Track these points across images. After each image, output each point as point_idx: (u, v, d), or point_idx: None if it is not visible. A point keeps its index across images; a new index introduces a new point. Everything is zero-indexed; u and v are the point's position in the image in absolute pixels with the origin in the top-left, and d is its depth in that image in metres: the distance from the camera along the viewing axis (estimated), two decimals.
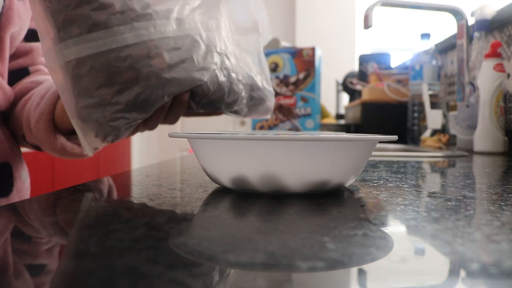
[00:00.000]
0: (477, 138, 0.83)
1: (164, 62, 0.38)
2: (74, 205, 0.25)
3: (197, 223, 0.20)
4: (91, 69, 0.37)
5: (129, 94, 0.38)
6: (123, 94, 0.38)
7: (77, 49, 0.36)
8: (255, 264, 0.14)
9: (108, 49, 0.36)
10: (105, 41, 0.36)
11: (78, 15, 0.36)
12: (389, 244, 0.17)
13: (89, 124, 0.39)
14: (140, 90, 0.38)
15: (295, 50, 1.26)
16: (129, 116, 0.39)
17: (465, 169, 0.48)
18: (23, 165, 0.54)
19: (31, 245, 0.17)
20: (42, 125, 0.46)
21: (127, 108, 0.39)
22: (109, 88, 0.38)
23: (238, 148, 0.27)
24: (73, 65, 0.37)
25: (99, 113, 0.38)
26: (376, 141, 0.29)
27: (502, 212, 0.23)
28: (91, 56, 0.36)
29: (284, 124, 1.28)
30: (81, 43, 0.36)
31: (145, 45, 0.37)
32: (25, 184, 0.54)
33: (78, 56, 0.37)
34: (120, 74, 0.37)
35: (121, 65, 0.37)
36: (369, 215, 0.22)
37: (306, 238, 0.17)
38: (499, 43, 0.82)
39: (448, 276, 0.13)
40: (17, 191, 0.51)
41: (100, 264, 0.14)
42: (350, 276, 0.13)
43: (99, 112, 0.38)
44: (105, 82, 0.37)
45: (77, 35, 0.36)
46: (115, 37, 0.36)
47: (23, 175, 0.53)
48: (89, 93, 0.38)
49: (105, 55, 0.37)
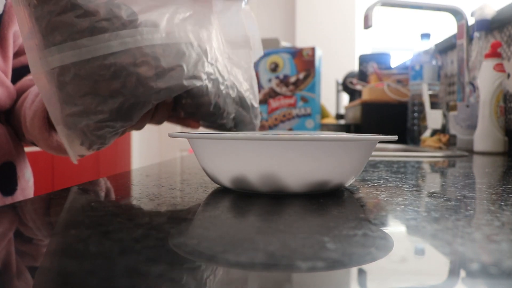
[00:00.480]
0: (477, 138, 0.83)
1: (151, 70, 0.38)
2: (74, 205, 0.25)
3: (197, 223, 0.20)
4: (75, 77, 0.36)
5: (114, 102, 0.37)
6: (107, 103, 0.37)
7: (61, 56, 0.36)
8: (255, 264, 0.14)
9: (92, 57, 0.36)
10: (89, 49, 0.36)
11: (62, 21, 0.35)
12: (389, 244, 0.17)
13: (74, 132, 0.39)
14: (125, 98, 0.38)
15: (295, 50, 1.26)
16: (114, 124, 0.39)
17: (465, 169, 0.48)
18: (27, 164, 0.55)
19: (31, 245, 0.17)
20: (37, 123, 0.46)
21: (111, 117, 0.38)
22: (94, 96, 0.37)
23: (238, 148, 0.27)
24: (57, 72, 0.37)
25: (84, 122, 0.38)
26: (376, 141, 0.29)
27: (502, 212, 0.23)
28: (76, 64, 0.36)
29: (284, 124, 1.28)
30: (65, 50, 0.36)
31: (131, 53, 0.37)
32: (29, 183, 0.54)
33: (62, 64, 0.36)
34: (105, 83, 0.37)
35: (105, 73, 0.36)
36: (369, 215, 0.22)
37: (306, 238, 0.17)
38: (499, 43, 0.82)
39: (448, 276, 0.13)
40: (21, 190, 0.52)
41: (100, 264, 0.14)
42: (350, 276, 0.13)
43: (84, 121, 0.38)
44: (89, 90, 0.37)
45: (61, 42, 0.36)
46: (100, 44, 0.36)
47: (26, 174, 0.54)
48: (74, 101, 0.37)
49: (89, 62, 0.36)
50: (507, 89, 0.90)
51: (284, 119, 1.28)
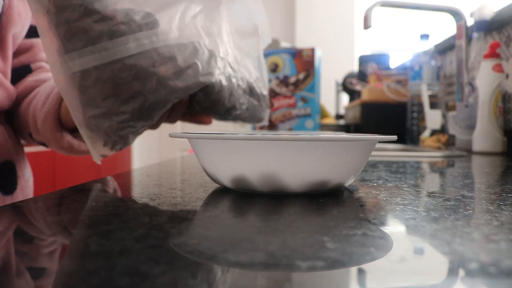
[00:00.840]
0: (476, 138, 0.83)
1: (169, 70, 0.39)
2: (75, 204, 0.25)
3: (198, 222, 0.20)
4: (97, 80, 0.37)
5: (135, 103, 0.38)
6: (129, 104, 0.38)
7: (81, 61, 0.37)
8: (255, 263, 0.14)
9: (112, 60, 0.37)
10: (109, 52, 0.37)
11: (81, 27, 0.36)
12: (388, 244, 0.17)
13: (97, 133, 0.40)
14: (145, 98, 0.39)
15: (295, 51, 1.27)
16: (136, 124, 0.40)
17: (464, 169, 0.48)
18: (26, 164, 0.55)
19: (32, 244, 0.17)
20: (49, 124, 0.46)
21: (133, 117, 0.39)
22: (115, 98, 0.38)
23: (238, 148, 0.27)
24: (79, 76, 0.37)
25: (106, 123, 0.39)
26: (375, 141, 0.29)
27: (501, 211, 0.23)
28: (96, 68, 0.37)
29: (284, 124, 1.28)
30: (85, 55, 0.37)
31: (149, 54, 0.38)
32: (28, 182, 0.54)
33: (83, 68, 0.37)
34: (126, 85, 0.38)
35: (126, 76, 0.37)
36: (369, 215, 0.22)
37: (306, 238, 0.18)
38: (498, 43, 0.82)
39: (447, 275, 0.13)
40: (21, 190, 0.52)
41: (100, 264, 0.14)
42: (350, 276, 0.13)
43: (107, 122, 0.39)
44: (111, 92, 0.38)
45: (81, 47, 0.37)
46: (119, 47, 0.37)
47: (26, 174, 0.54)
48: (96, 103, 0.38)
49: (110, 66, 0.37)
50: (505, 89, 0.90)
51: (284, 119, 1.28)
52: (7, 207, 0.24)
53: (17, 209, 0.24)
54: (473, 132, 0.87)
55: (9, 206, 0.24)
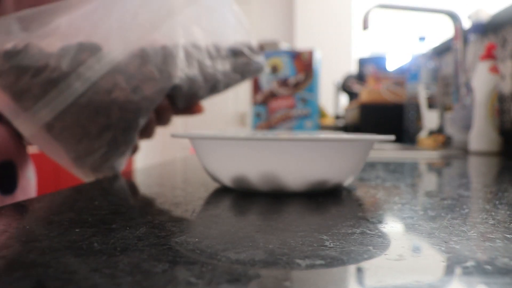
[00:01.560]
0: (472, 138, 0.84)
1: (126, 90, 0.38)
2: (78, 203, 0.25)
3: (199, 221, 0.20)
4: (63, 129, 0.38)
5: (108, 135, 0.39)
6: (102, 138, 0.39)
7: (40, 115, 0.37)
8: (255, 261, 0.14)
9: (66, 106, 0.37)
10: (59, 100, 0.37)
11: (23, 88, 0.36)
12: (386, 242, 0.17)
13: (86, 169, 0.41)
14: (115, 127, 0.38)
15: (294, 53, 1.27)
16: (117, 151, 0.40)
17: (461, 168, 0.48)
18: (28, 164, 0.55)
19: (34, 243, 0.17)
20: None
21: (111, 148, 0.39)
22: (87, 138, 0.38)
23: (239, 149, 0.27)
24: (46, 129, 0.38)
25: (89, 161, 0.40)
26: (373, 141, 0.29)
27: (497, 210, 0.23)
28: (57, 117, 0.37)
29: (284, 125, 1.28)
30: (41, 109, 0.37)
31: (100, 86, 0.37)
32: (30, 182, 0.54)
33: (45, 121, 0.37)
34: (91, 123, 0.38)
35: (87, 115, 0.37)
36: (367, 214, 0.22)
37: (305, 236, 0.18)
38: (494, 45, 0.83)
39: (444, 273, 0.14)
40: (22, 189, 0.52)
41: (103, 262, 0.14)
42: (348, 274, 0.14)
43: (89, 160, 0.40)
44: (81, 135, 0.38)
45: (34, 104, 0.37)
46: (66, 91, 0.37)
47: (28, 174, 0.54)
48: (72, 147, 0.39)
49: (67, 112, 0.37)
50: (501, 90, 0.91)
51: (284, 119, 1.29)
52: (9, 206, 0.24)
53: (19, 208, 0.24)
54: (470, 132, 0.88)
55: (10, 205, 0.24)
